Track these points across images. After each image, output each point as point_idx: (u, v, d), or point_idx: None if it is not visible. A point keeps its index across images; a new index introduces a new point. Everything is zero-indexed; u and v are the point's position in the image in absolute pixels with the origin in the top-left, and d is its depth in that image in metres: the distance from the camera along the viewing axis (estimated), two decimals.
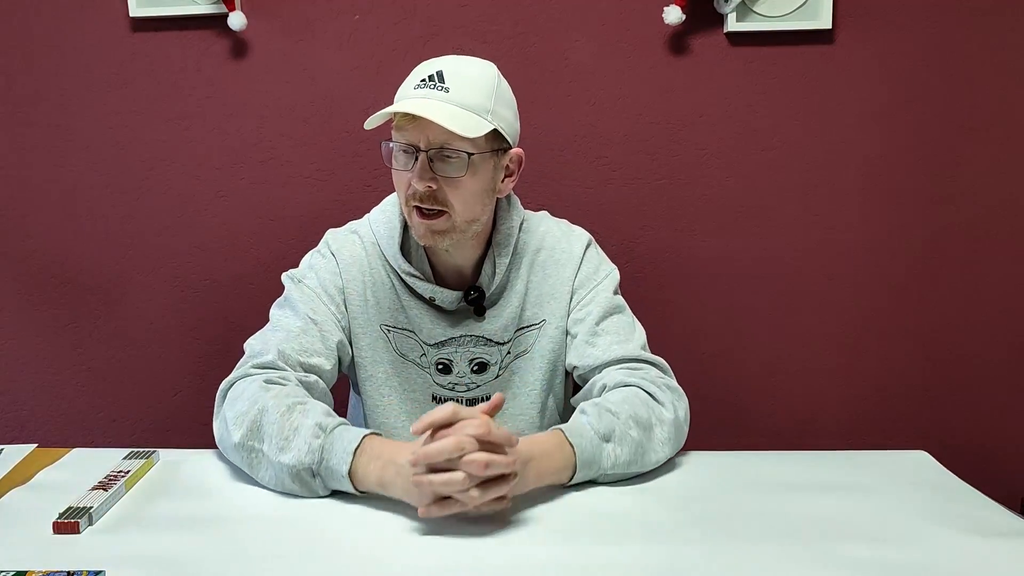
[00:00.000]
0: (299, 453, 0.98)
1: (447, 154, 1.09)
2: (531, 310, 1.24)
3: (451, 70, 1.11)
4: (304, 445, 0.98)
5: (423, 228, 1.13)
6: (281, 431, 1.00)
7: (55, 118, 1.67)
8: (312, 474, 0.99)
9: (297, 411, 1.02)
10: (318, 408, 1.04)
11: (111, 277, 1.73)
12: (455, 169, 1.10)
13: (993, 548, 0.87)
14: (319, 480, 0.99)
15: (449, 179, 1.10)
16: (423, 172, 1.09)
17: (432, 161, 1.09)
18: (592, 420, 1.05)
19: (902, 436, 1.75)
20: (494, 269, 1.21)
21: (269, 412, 1.02)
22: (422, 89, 1.10)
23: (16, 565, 0.84)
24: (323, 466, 0.98)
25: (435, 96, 1.09)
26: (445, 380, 1.24)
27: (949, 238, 1.68)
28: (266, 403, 1.03)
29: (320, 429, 0.99)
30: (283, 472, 1.00)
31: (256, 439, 1.02)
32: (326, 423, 1.00)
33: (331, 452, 0.98)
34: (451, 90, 1.09)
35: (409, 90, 1.11)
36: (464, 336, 1.22)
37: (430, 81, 1.10)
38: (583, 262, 1.25)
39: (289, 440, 0.99)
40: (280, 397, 1.04)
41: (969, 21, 1.61)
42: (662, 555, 0.87)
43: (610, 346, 1.19)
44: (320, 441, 0.98)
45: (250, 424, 1.02)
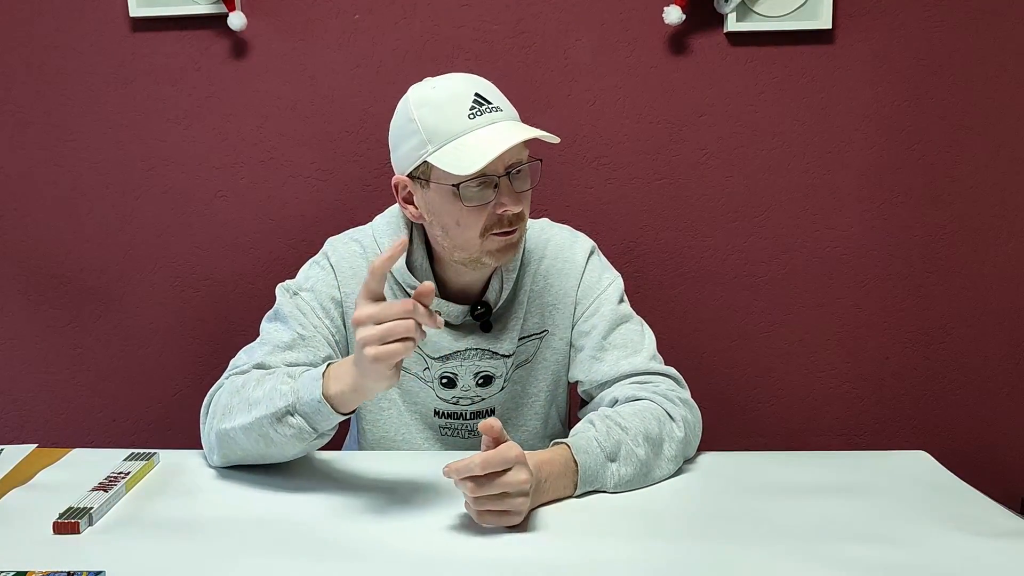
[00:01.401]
0: (272, 401, 1.00)
1: (520, 169, 1.08)
2: (534, 320, 1.22)
3: (484, 88, 1.09)
4: (275, 392, 1.00)
5: (505, 246, 1.10)
6: (254, 398, 1.02)
7: (55, 118, 1.68)
8: (290, 413, 0.99)
9: (267, 379, 1.04)
10: (285, 369, 1.06)
11: (111, 277, 1.73)
12: (528, 182, 1.10)
13: (993, 548, 0.87)
14: (297, 418, 0.99)
15: (526, 192, 1.10)
16: (513, 194, 1.07)
17: (512, 182, 1.08)
18: (600, 436, 1.03)
19: (902, 436, 1.75)
20: (502, 284, 1.19)
21: (239, 389, 1.05)
22: (481, 116, 1.05)
23: (16, 565, 0.84)
24: (299, 403, 0.98)
25: (498, 118, 1.06)
26: (449, 394, 1.22)
27: (949, 238, 1.68)
28: (235, 384, 1.06)
29: (288, 376, 1.02)
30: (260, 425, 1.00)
31: (228, 419, 1.04)
32: (294, 371, 1.03)
33: (302, 386, 0.99)
34: (503, 109, 1.08)
35: (464, 120, 1.05)
36: (469, 350, 1.20)
37: (479, 106, 1.06)
38: (586, 271, 1.23)
39: (259, 398, 1.01)
40: (250, 377, 1.06)
41: (969, 21, 1.61)
42: (662, 555, 0.87)
43: (618, 361, 1.16)
44: (291, 384, 1.00)
45: (223, 409, 1.05)
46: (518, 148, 1.06)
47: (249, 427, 1.01)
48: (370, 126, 1.66)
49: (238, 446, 1.04)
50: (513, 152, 1.05)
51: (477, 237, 1.09)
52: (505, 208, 1.07)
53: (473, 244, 1.10)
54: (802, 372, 1.74)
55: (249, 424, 1.01)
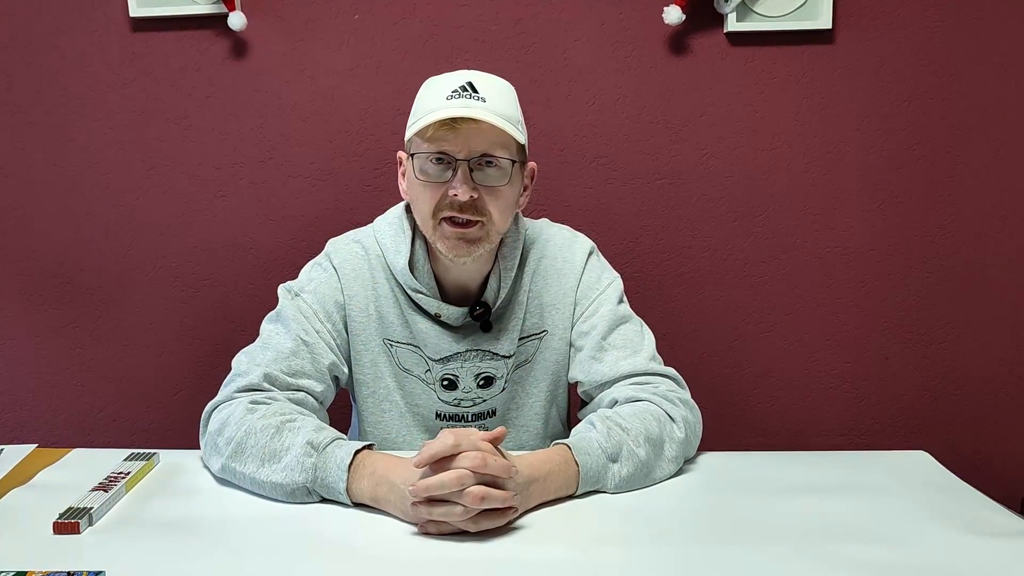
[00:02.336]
0: (291, 472, 0.97)
1: (489, 161, 1.08)
2: (533, 320, 1.22)
3: (480, 81, 1.10)
4: (296, 464, 0.97)
5: (455, 237, 1.10)
6: (271, 451, 0.99)
7: (55, 118, 1.67)
8: (307, 492, 0.98)
9: (287, 430, 1.01)
10: (308, 424, 1.02)
11: (111, 277, 1.73)
12: (497, 178, 1.09)
13: (993, 548, 0.87)
14: (314, 495, 0.99)
15: (490, 188, 1.09)
16: (466, 180, 1.07)
17: (472, 171, 1.08)
18: (601, 437, 1.03)
19: (902, 436, 1.75)
20: (499, 284, 1.19)
21: (256, 434, 1.01)
22: (458, 99, 1.07)
23: (16, 565, 0.84)
24: (318, 484, 0.97)
25: (475, 105, 1.06)
26: (450, 396, 1.22)
27: (949, 238, 1.68)
28: (252, 424, 1.02)
29: (312, 447, 0.98)
30: (274, 490, 0.99)
31: (239, 461, 1.01)
32: (318, 440, 0.99)
33: (325, 470, 0.97)
34: (487, 100, 1.07)
35: (440, 100, 1.08)
36: (470, 351, 1.20)
37: (464, 92, 1.08)
38: (585, 271, 1.23)
39: (280, 459, 0.98)
40: (267, 417, 1.02)
41: (969, 21, 1.61)
42: (662, 555, 0.87)
43: (617, 362, 1.16)
44: (313, 460, 0.97)
45: (235, 447, 1.01)
46: (490, 140, 1.07)
47: (261, 483, 1.00)
48: (370, 126, 1.66)
49: (244, 484, 1.03)
50: (481, 141, 1.06)
51: (430, 217, 1.11)
52: (454, 192, 1.07)
53: (428, 225, 1.12)
54: (802, 372, 1.74)
55: (262, 481, 0.99)
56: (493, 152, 1.08)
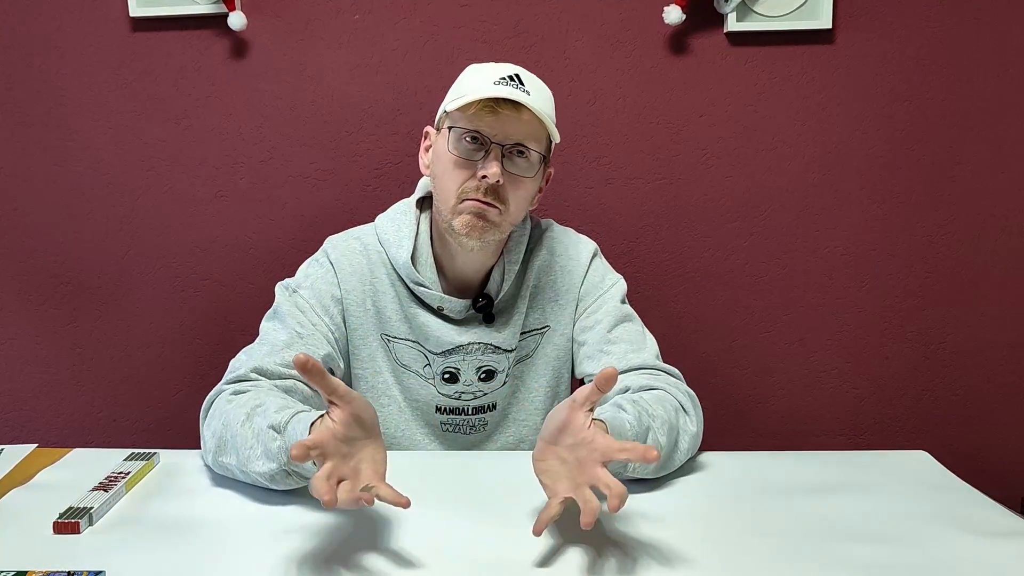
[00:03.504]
0: (267, 460, 0.96)
1: (521, 151, 1.09)
2: (535, 315, 1.23)
3: (526, 76, 1.11)
4: (267, 450, 0.96)
5: (474, 215, 1.09)
6: (245, 441, 0.98)
7: (55, 118, 1.68)
8: (287, 475, 0.97)
9: (256, 415, 1.00)
10: (271, 405, 0.99)
11: (111, 277, 1.73)
12: (525, 169, 1.10)
13: (993, 548, 0.87)
14: (294, 477, 0.98)
15: (515, 178, 1.10)
16: (498, 166, 1.07)
17: (504, 157, 1.09)
18: (632, 420, 1.00)
19: (902, 436, 1.75)
20: (503, 276, 1.20)
21: (231, 425, 1.00)
22: (504, 87, 1.07)
23: (16, 565, 0.84)
24: (292, 465, 0.96)
25: (519, 95, 1.07)
26: (451, 390, 1.22)
27: (949, 238, 1.68)
28: (229, 416, 1.01)
29: (274, 431, 0.96)
30: (260, 479, 0.99)
31: (224, 454, 1.01)
32: (278, 421, 0.96)
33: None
34: (531, 94, 1.08)
35: (488, 84, 1.08)
36: (472, 344, 1.20)
37: (511, 81, 1.09)
38: (589, 270, 1.24)
39: (253, 449, 0.98)
40: (240, 406, 1.02)
41: (969, 21, 1.61)
42: (662, 554, 0.87)
43: (626, 354, 1.17)
44: (279, 443, 0.96)
45: (218, 441, 1.01)
46: (528, 130, 1.08)
47: (247, 474, 0.99)
48: (370, 126, 1.66)
49: (236, 476, 1.02)
50: (519, 129, 1.08)
51: (454, 194, 1.10)
52: (484, 172, 1.07)
53: (448, 202, 1.11)
54: (802, 372, 1.74)
55: (247, 471, 0.99)
56: (527, 143, 1.09)
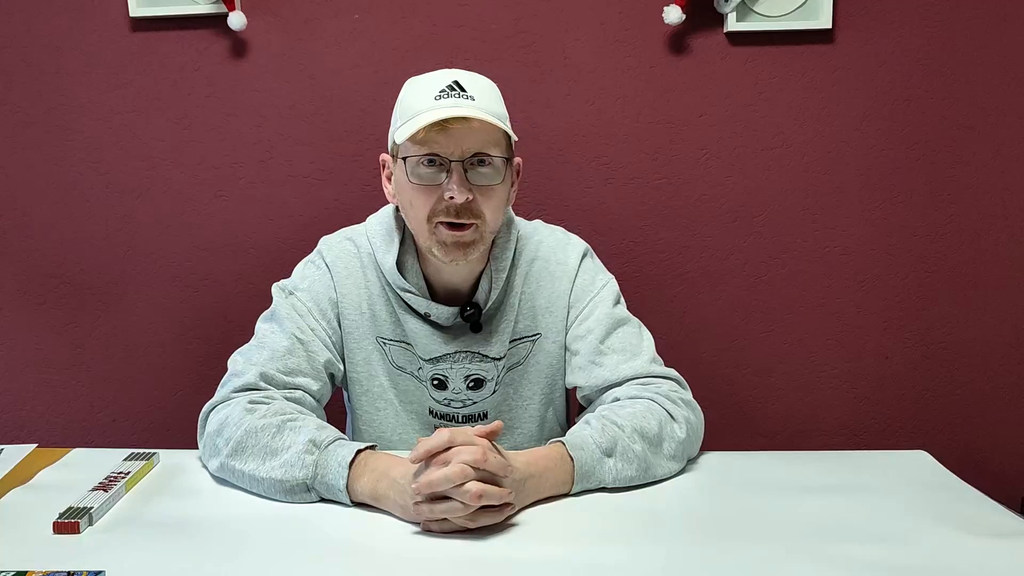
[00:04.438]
0: (292, 468, 0.97)
1: (482, 160, 1.07)
2: (525, 322, 1.21)
3: (466, 80, 1.09)
4: (297, 460, 0.97)
5: (452, 242, 1.08)
6: (272, 449, 0.99)
7: (55, 118, 1.67)
8: (306, 489, 0.98)
9: (288, 428, 1.01)
10: (311, 423, 1.02)
11: (111, 277, 1.73)
12: (491, 177, 1.08)
13: (993, 548, 0.87)
14: (313, 493, 0.99)
15: (484, 188, 1.07)
16: (462, 182, 1.05)
17: (466, 171, 1.06)
18: (595, 433, 1.03)
19: (902, 436, 1.75)
20: (491, 285, 1.18)
21: (257, 432, 1.01)
22: (447, 99, 1.05)
23: (16, 565, 0.84)
24: (318, 481, 0.97)
25: (464, 104, 1.05)
26: (440, 396, 1.21)
27: (949, 238, 1.68)
28: (252, 424, 1.02)
29: (314, 445, 0.98)
30: (273, 487, 0.99)
31: (239, 459, 1.01)
32: (320, 438, 0.99)
33: (326, 467, 0.97)
34: (476, 98, 1.06)
35: (428, 100, 1.06)
36: (459, 352, 1.19)
37: (452, 91, 1.06)
38: (579, 274, 1.21)
39: (280, 456, 0.99)
40: (268, 416, 1.02)
41: (969, 21, 1.61)
42: (662, 555, 0.87)
43: (618, 365, 1.15)
44: (314, 457, 0.97)
45: (235, 445, 1.01)
46: (483, 138, 1.05)
47: (260, 480, 1.00)
48: (370, 126, 1.66)
49: (243, 483, 1.03)
50: (475, 140, 1.05)
51: (425, 221, 1.09)
52: (451, 194, 1.05)
53: (423, 230, 1.10)
54: (802, 372, 1.74)
55: (261, 478, 0.99)
56: (487, 151, 1.07)
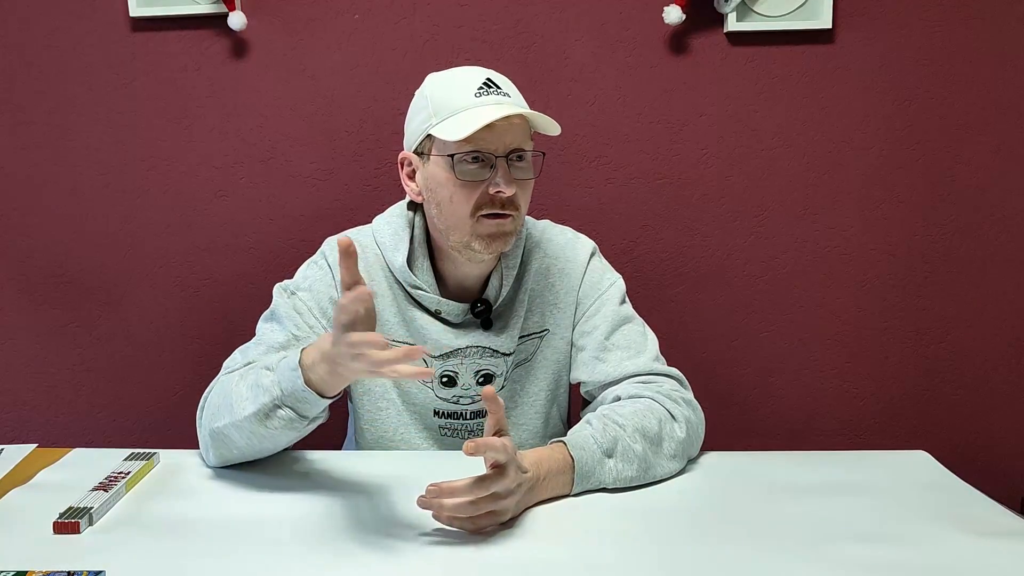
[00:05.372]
0: (258, 396, 1.00)
1: (521, 155, 1.10)
2: (533, 319, 1.22)
3: (495, 78, 1.12)
4: (259, 387, 1.00)
5: (496, 231, 1.10)
6: (239, 393, 1.02)
7: (55, 118, 1.67)
8: (279, 406, 0.99)
9: (249, 371, 1.04)
10: (264, 361, 1.06)
11: (111, 277, 1.73)
12: (528, 171, 1.11)
13: (993, 548, 0.87)
14: (287, 410, 0.99)
15: (522, 181, 1.11)
16: (509, 178, 1.08)
17: (509, 165, 1.09)
18: (596, 433, 1.04)
19: (902, 436, 1.75)
20: (501, 281, 1.19)
21: (228, 389, 1.05)
22: (487, 96, 1.08)
23: (16, 565, 0.84)
24: (284, 396, 0.98)
25: (505, 102, 1.08)
26: (449, 393, 1.21)
27: (949, 238, 1.68)
28: (224, 384, 1.06)
29: (267, 369, 1.01)
30: (252, 425, 1.01)
31: (219, 418, 1.04)
32: (271, 362, 1.02)
33: (283, 379, 0.98)
34: (511, 96, 1.10)
35: (470, 99, 1.08)
36: (470, 348, 1.19)
37: (490, 88, 1.09)
38: (587, 271, 1.23)
39: (244, 395, 1.01)
40: (234, 375, 1.06)
41: (969, 21, 1.61)
42: (662, 554, 0.87)
43: (621, 362, 1.17)
44: (271, 377, 1.00)
45: (214, 409, 1.05)
46: (521, 134, 1.08)
47: (239, 424, 1.01)
48: (370, 126, 1.66)
49: (232, 444, 1.04)
50: (515, 136, 1.07)
51: (468, 216, 1.09)
52: (499, 189, 1.07)
53: (464, 224, 1.10)
54: (802, 372, 1.74)
55: (239, 422, 1.01)
56: (524, 146, 1.10)
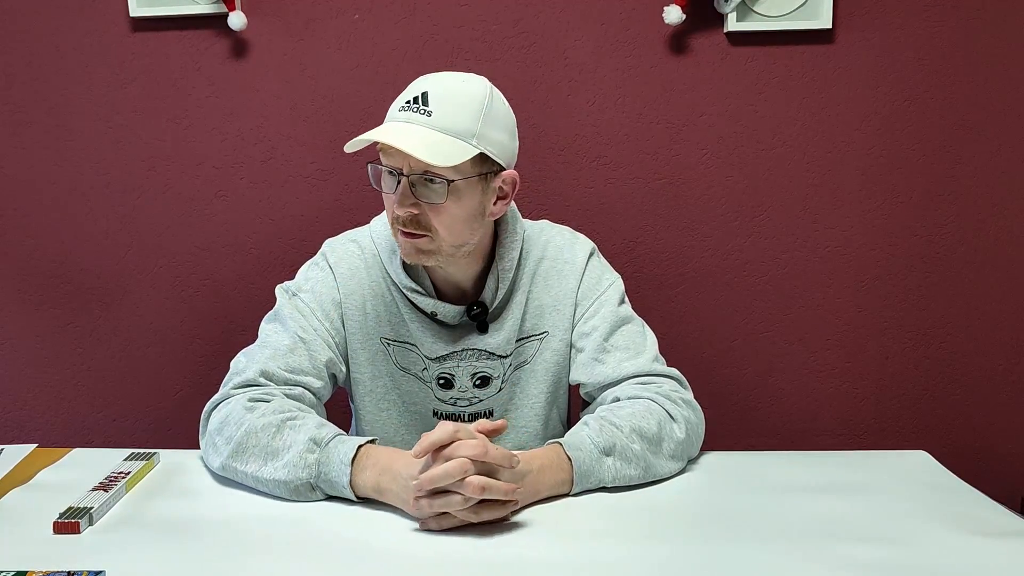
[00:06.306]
0: (295, 468, 0.98)
1: (428, 179, 1.06)
2: (532, 321, 1.22)
3: (437, 91, 1.07)
4: (299, 460, 0.98)
5: (408, 247, 1.11)
6: (273, 450, 1.00)
7: (55, 118, 1.67)
8: (311, 488, 0.99)
9: (288, 428, 1.02)
10: (311, 421, 1.03)
11: (111, 277, 1.73)
12: (436, 195, 1.07)
13: (993, 548, 0.87)
14: (318, 492, 1.00)
15: (431, 204, 1.07)
16: (404, 198, 1.07)
17: (414, 186, 1.07)
18: (593, 433, 1.04)
19: (902, 436, 1.75)
20: (497, 284, 1.19)
21: (257, 432, 1.02)
22: (405, 112, 1.07)
23: (16, 565, 0.84)
24: (321, 479, 0.98)
25: (416, 120, 1.06)
26: (447, 395, 1.22)
27: (949, 238, 1.68)
28: (252, 423, 1.02)
29: (314, 443, 0.99)
30: (277, 488, 1.00)
31: (240, 460, 1.02)
32: (320, 436, 1.00)
33: (328, 465, 0.98)
34: (434, 114, 1.05)
35: (395, 112, 1.09)
36: (466, 350, 1.20)
37: (414, 104, 1.07)
38: (586, 272, 1.22)
39: (281, 456, 0.99)
40: (268, 415, 1.03)
41: (969, 21, 1.61)
42: (662, 554, 0.87)
43: (620, 363, 1.16)
44: (316, 455, 0.98)
45: (235, 446, 1.02)
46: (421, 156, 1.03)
47: (264, 481, 1.01)
48: (370, 126, 1.64)
49: (246, 482, 1.03)
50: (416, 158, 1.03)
51: (391, 224, 1.13)
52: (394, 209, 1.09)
53: (392, 231, 1.14)
54: (802, 372, 1.74)
55: (265, 479, 1.00)
56: (431, 170, 1.05)
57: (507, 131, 1.12)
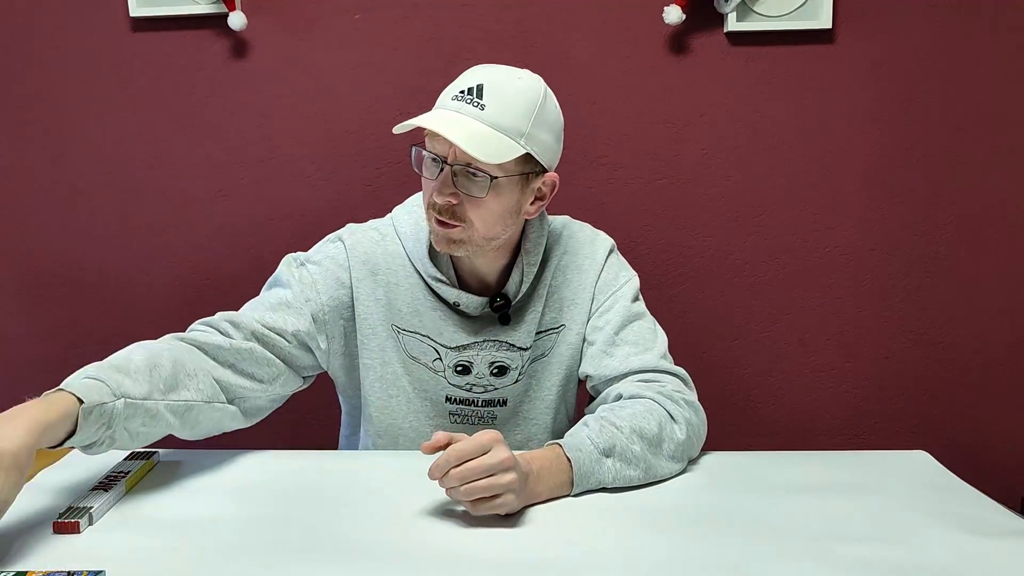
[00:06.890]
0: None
1: (471, 172, 1.06)
2: (551, 314, 1.23)
3: (493, 85, 1.07)
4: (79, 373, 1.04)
5: (440, 235, 1.11)
6: None
7: (55, 118, 1.67)
8: None
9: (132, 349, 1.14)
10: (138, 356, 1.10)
11: (111, 277, 1.73)
12: (478, 189, 1.07)
13: (993, 548, 0.87)
14: None
15: (471, 197, 1.08)
16: (444, 187, 1.07)
17: (456, 176, 1.07)
18: (593, 434, 1.04)
19: (902, 436, 1.75)
20: (522, 277, 1.20)
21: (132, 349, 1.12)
22: (458, 102, 1.07)
23: (16, 565, 0.84)
24: None
25: (468, 112, 1.06)
26: (463, 381, 1.22)
27: (948, 238, 1.68)
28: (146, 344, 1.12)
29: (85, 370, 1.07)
30: None
31: None
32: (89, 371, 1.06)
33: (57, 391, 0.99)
34: (487, 107, 1.05)
35: (447, 100, 1.08)
36: (487, 341, 1.20)
37: (468, 95, 1.07)
38: (604, 268, 1.24)
39: None
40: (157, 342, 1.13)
41: (968, 21, 1.61)
42: (662, 554, 0.87)
43: (628, 357, 1.17)
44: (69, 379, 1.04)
45: None
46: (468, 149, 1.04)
47: None
48: (371, 126, 1.66)
49: None
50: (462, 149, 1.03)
51: (426, 209, 1.13)
52: (432, 194, 1.09)
53: (426, 216, 1.14)
54: (802, 372, 1.74)
55: None
56: (475, 163, 1.06)
57: (554, 133, 1.14)
